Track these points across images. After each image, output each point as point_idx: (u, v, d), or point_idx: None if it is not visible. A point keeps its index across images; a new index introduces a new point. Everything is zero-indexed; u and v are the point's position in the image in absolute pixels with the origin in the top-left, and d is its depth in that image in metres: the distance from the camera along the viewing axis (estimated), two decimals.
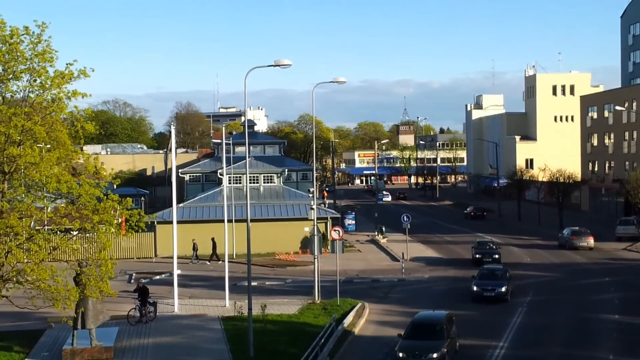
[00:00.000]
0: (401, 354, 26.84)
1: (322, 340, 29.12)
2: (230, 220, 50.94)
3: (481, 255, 53.31)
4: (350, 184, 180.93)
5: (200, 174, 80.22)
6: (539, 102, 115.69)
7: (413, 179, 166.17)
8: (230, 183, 62.74)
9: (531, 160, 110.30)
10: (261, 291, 43.00)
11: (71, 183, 24.17)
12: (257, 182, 70.17)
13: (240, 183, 67.73)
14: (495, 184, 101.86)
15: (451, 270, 52.16)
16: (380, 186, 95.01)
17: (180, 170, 76.92)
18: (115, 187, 28.14)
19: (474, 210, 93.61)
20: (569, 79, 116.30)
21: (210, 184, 76.34)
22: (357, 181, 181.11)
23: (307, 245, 55.63)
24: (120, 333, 32.16)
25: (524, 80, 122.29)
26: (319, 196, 79.34)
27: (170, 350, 30.25)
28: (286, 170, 75.01)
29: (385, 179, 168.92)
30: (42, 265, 23.69)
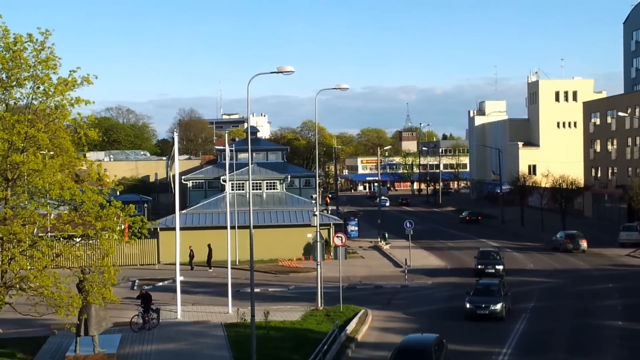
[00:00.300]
0: None
1: (325, 346, 29.06)
2: (233, 227, 50.92)
3: (484, 265, 50.93)
4: (353, 191, 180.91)
5: (203, 181, 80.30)
6: (541, 108, 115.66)
7: (416, 185, 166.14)
8: (233, 189, 62.81)
9: (534, 166, 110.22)
10: (264, 298, 42.99)
11: (74, 190, 24.18)
12: (260, 189, 70.19)
13: (243, 189, 67.75)
14: (498, 190, 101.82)
15: (454, 276, 52.07)
16: (383, 192, 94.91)
17: (183, 176, 76.97)
18: (118, 194, 28.25)
19: (469, 215, 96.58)
20: (572, 85, 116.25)
21: (213, 191, 76.37)
22: (360, 187, 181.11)
23: (310, 251, 55.69)
24: (123, 340, 32.18)
25: (526, 86, 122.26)
26: (321, 202, 79.33)
27: (173, 357, 30.25)
28: (289, 176, 75.04)
29: (388, 185, 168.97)
30: (45, 272, 23.69)
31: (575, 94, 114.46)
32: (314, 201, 57.53)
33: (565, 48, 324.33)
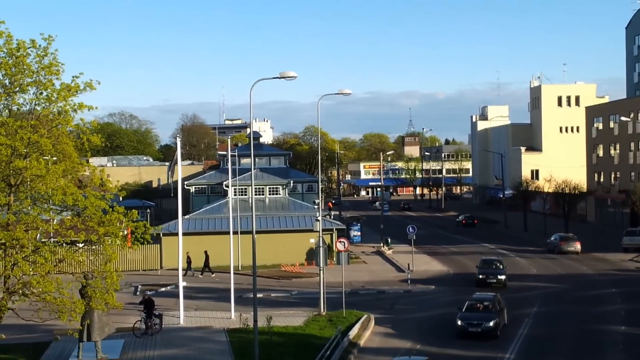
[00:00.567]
0: None
1: (328, 352, 29.06)
2: (236, 232, 50.94)
3: (485, 275, 48.56)
4: (355, 196, 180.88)
5: (206, 186, 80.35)
6: (544, 113, 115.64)
7: (418, 190, 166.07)
8: (235, 195, 62.77)
9: (537, 171, 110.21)
10: (267, 303, 42.95)
11: (77, 195, 24.18)
12: (263, 194, 70.20)
13: (245, 195, 67.75)
14: (501, 195, 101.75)
15: (457, 281, 52.00)
16: (385, 197, 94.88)
17: (185, 182, 77.03)
18: (121, 199, 28.23)
19: (465, 218, 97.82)
20: (574, 89, 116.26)
21: (216, 196, 76.43)
22: (363, 192, 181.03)
23: (313, 256, 55.50)
24: (125, 345, 32.17)
25: (529, 91, 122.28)
26: (324, 208, 79.33)
27: None
28: (292, 181, 75.02)
29: (390, 190, 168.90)
30: (48, 277, 23.67)
31: (577, 98, 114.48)
32: (316, 206, 57.57)
33: (567, 53, 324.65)
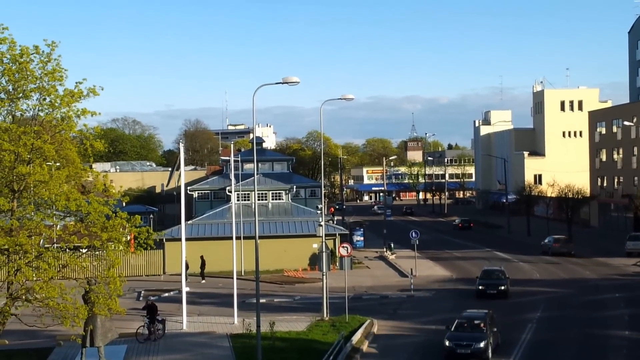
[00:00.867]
0: None
1: (331, 357, 29.03)
2: (239, 237, 50.95)
3: (485, 286, 46.59)
4: (358, 200, 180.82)
5: (209, 191, 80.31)
6: (547, 118, 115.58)
7: (422, 195, 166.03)
8: (238, 200, 62.79)
9: (540, 175, 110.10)
10: (270, 308, 42.95)
11: (80, 201, 24.22)
12: (266, 199, 70.22)
13: (248, 200, 67.77)
14: (504, 200, 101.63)
15: (460, 286, 51.94)
16: (388, 202, 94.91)
17: (188, 187, 77.07)
18: (124, 205, 28.16)
19: (461, 222, 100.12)
20: (577, 94, 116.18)
21: (219, 201, 76.43)
22: (366, 197, 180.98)
23: (316, 261, 55.55)
24: (128, 351, 32.18)
25: (532, 96, 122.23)
26: (327, 213, 79.30)
27: None
28: (294, 187, 75.03)
29: (393, 195, 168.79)
30: (51, 283, 23.71)
31: (580, 103, 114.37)
32: (319, 211, 57.56)
33: (570, 58, 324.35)
